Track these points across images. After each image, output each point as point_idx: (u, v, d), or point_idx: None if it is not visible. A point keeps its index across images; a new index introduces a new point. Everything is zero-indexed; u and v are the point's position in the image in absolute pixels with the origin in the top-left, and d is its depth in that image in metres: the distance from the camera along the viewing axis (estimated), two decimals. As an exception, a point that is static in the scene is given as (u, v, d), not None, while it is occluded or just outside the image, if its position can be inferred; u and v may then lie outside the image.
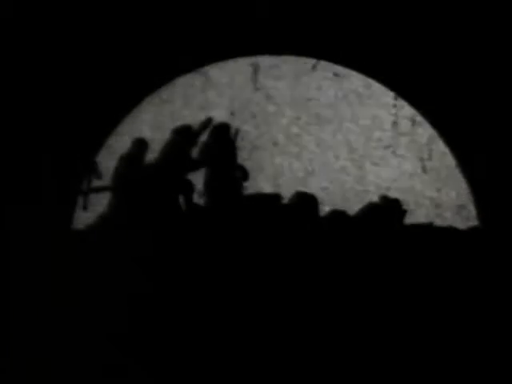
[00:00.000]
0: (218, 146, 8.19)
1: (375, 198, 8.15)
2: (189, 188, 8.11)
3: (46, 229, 7.68)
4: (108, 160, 8.10)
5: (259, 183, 8.18)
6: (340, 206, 8.11)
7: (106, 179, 8.09)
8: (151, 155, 8.16)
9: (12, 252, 7.63)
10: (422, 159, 8.29)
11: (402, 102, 8.25)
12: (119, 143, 8.12)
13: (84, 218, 8.00)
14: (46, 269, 7.65)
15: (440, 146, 8.26)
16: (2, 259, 7.63)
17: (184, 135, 8.17)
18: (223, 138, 8.22)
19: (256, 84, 8.28)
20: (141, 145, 8.13)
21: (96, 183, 8.05)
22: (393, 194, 8.19)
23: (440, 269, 7.87)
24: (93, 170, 7.95)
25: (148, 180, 8.10)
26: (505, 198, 8.05)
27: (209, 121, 8.21)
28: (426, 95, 8.14)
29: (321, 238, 7.91)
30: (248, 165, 8.18)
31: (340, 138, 8.28)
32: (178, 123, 8.19)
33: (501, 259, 7.89)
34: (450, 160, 8.24)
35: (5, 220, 7.67)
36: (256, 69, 8.26)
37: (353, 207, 8.13)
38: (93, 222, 8.00)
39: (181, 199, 8.08)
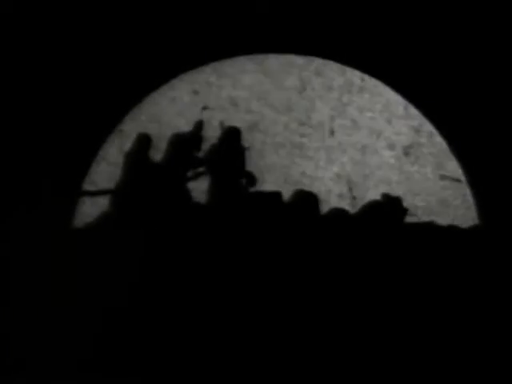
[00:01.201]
0: (227, 150, 8.18)
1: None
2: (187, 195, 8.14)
3: (46, 228, 7.67)
4: (108, 159, 8.12)
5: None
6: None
7: (107, 179, 8.11)
8: (155, 154, 8.17)
9: (12, 251, 7.62)
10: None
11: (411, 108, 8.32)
12: (121, 143, 8.14)
13: (84, 216, 7.99)
14: (46, 267, 7.63)
15: (442, 146, 8.30)
16: (2, 259, 7.62)
17: (183, 138, 8.17)
18: (233, 142, 8.21)
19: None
20: (145, 142, 8.12)
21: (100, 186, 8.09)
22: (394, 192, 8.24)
23: (441, 266, 7.89)
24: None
25: (150, 181, 8.09)
26: (506, 197, 8.07)
27: (200, 123, 8.20)
28: (430, 95, 8.16)
29: (322, 235, 7.92)
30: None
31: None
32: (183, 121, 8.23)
33: (502, 257, 7.91)
34: (451, 159, 8.28)
35: (5, 220, 7.67)
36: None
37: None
38: (93, 221, 7.99)
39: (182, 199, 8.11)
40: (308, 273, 7.79)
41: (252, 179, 8.17)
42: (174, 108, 8.25)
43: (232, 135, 8.18)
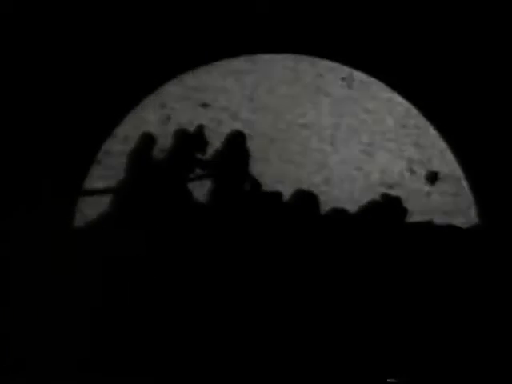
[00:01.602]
0: (231, 154, 8.18)
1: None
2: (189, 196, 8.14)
3: (46, 228, 7.67)
4: (109, 159, 8.11)
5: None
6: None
7: (108, 178, 8.11)
8: (158, 154, 8.18)
9: (12, 251, 7.62)
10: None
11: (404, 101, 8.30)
12: (120, 143, 8.13)
13: (85, 216, 7.99)
14: (46, 267, 7.64)
15: (441, 145, 8.31)
16: (2, 259, 7.62)
17: (186, 139, 8.17)
18: (237, 147, 8.20)
19: None
20: (147, 142, 8.11)
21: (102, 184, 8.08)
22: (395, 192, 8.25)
23: (441, 266, 7.89)
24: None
25: (151, 181, 8.09)
26: (505, 197, 8.07)
27: (201, 128, 8.20)
28: (429, 95, 8.16)
29: (321, 235, 7.92)
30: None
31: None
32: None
33: (501, 257, 7.92)
34: (451, 159, 8.28)
35: (5, 220, 7.66)
36: None
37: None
38: (93, 221, 7.99)
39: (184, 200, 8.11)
40: (308, 272, 7.80)
41: (256, 183, 8.16)
42: (176, 107, 8.25)
43: (236, 139, 8.18)
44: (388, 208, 8.13)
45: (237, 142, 8.17)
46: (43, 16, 7.91)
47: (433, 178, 8.01)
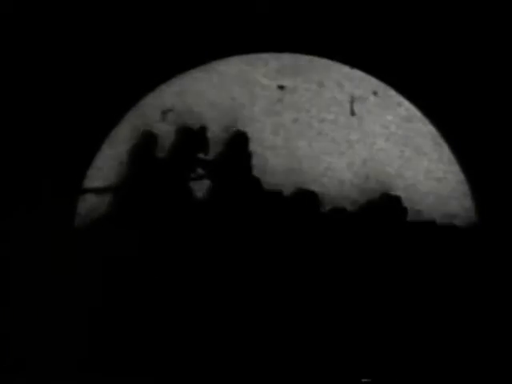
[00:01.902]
0: (232, 154, 8.17)
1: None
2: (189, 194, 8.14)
3: (47, 228, 7.67)
4: (108, 159, 8.12)
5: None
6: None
7: (109, 178, 8.11)
8: (159, 152, 8.18)
9: (12, 251, 7.62)
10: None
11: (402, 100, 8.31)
12: (120, 142, 8.13)
13: (85, 216, 7.99)
14: (47, 267, 7.64)
15: (441, 145, 8.31)
16: (2, 259, 7.62)
17: (188, 138, 8.17)
18: (238, 147, 8.20)
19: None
20: (148, 139, 8.12)
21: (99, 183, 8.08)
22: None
23: (440, 266, 7.89)
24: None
25: (152, 179, 8.09)
26: (504, 196, 8.07)
27: (202, 127, 8.20)
28: (426, 93, 8.16)
29: (321, 234, 7.92)
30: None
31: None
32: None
33: (500, 256, 7.92)
34: (451, 159, 8.28)
35: (5, 220, 7.67)
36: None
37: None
38: (93, 220, 7.99)
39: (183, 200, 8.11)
40: (308, 272, 7.80)
41: (256, 183, 8.15)
42: (176, 107, 8.25)
43: (238, 139, 8.18)
44: (388, 208, 8.13)
45: (238, 142, 8.17)
46: (42, 17, 7.92)
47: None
